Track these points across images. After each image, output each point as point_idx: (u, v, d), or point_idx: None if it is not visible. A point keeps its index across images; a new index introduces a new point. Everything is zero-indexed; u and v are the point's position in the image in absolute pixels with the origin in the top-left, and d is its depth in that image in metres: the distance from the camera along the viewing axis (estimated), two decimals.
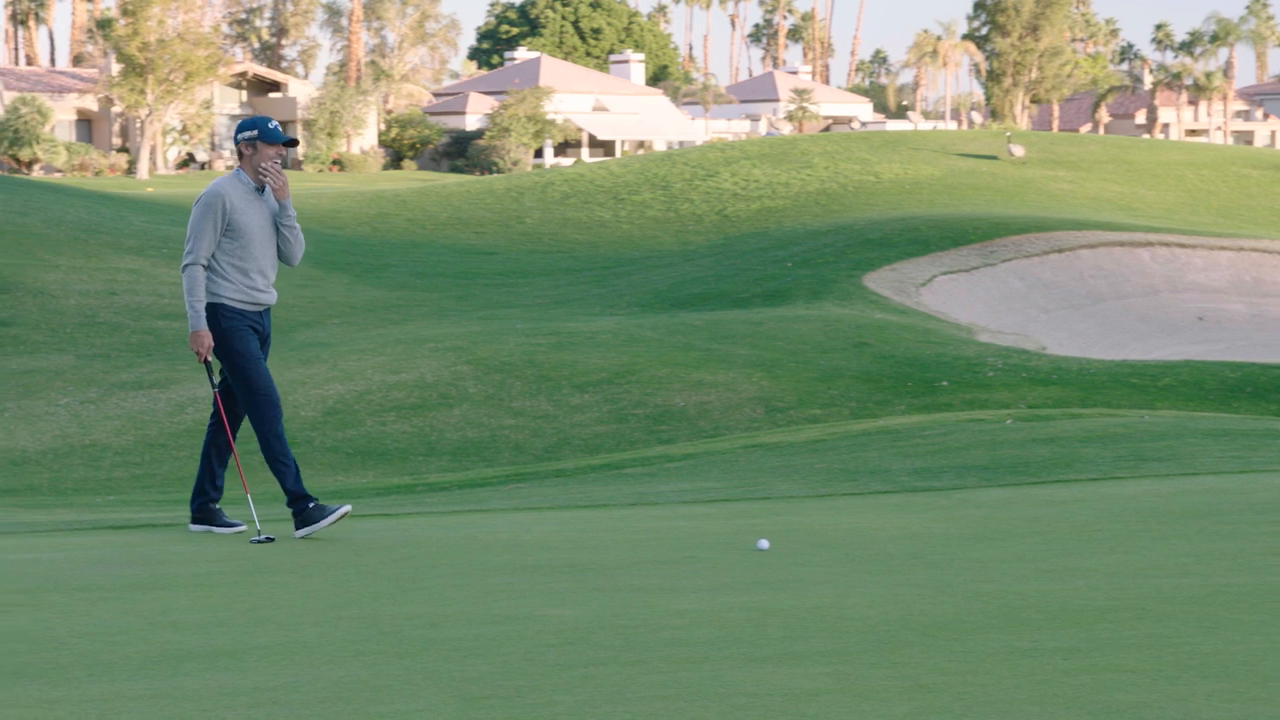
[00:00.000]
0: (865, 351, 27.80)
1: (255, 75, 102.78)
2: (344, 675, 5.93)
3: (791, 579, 7.89)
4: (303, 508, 9.67)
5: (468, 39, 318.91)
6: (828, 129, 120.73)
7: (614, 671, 5.90)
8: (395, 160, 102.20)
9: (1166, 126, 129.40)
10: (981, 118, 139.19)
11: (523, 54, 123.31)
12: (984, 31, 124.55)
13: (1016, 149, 57.93)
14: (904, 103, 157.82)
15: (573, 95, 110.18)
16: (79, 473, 21.70)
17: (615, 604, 7.28)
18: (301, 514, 9.68)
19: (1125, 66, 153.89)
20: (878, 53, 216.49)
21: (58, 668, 6.18)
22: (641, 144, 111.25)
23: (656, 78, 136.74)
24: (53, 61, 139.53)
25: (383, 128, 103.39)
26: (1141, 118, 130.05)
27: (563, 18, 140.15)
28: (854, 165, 54.67)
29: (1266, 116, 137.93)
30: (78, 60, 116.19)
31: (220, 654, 6.39)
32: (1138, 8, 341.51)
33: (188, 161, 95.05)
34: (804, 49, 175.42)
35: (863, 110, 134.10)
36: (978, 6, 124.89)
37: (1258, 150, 71.79)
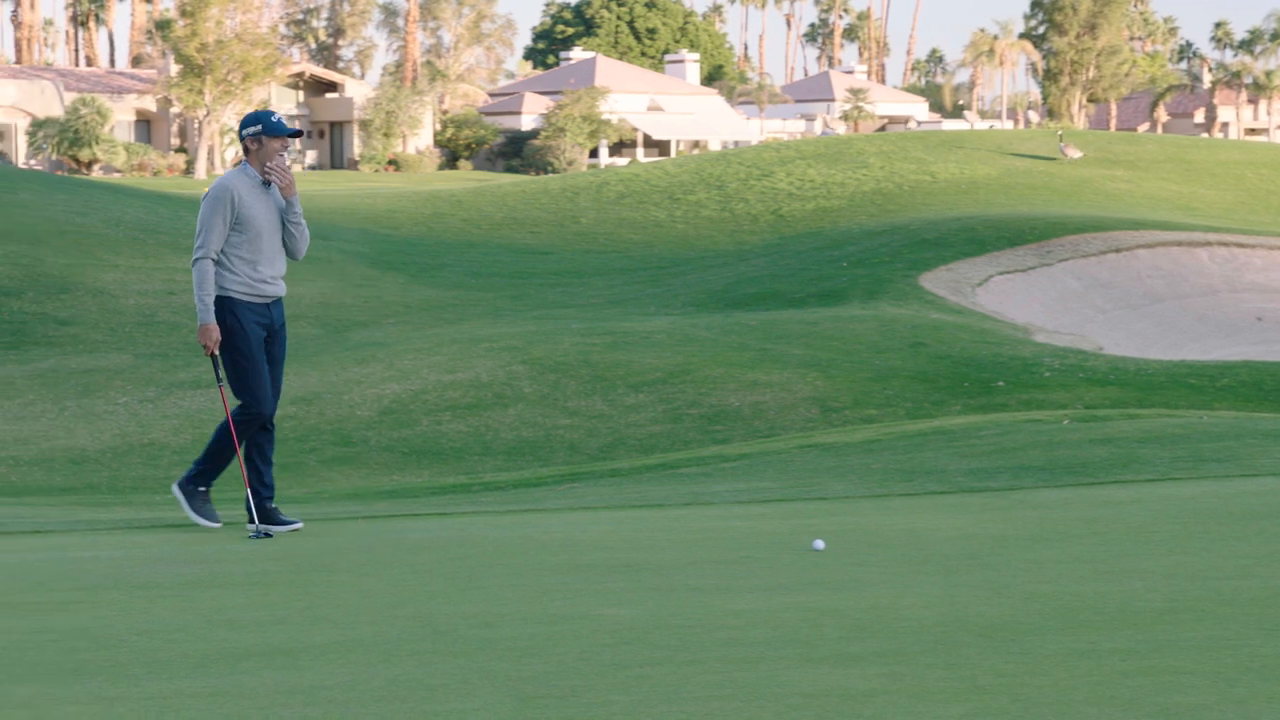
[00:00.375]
0: (921, 352, 27.70)
1: (312, 76, 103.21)
2: (399, 674, 5.95)
3: (847, 579, 7.87)
4: (192, 490, 10.13)
5: (523, 39, 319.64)
6: (883, 128, 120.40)
7: (669, 671, 5.90)
8: (451, 160, 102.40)
9: (1225, 125, 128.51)
10: (1038, 117, 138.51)
11: (578, 54, 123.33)
12: (1041, 30, 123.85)
13: (1072, 150, 57.30)
14: (960, 102, 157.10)
15: (628, 95, 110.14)
16: (138, 471, 21.84)
17: (671, 604, 7.28)
18: (189, 495, 10.13)
19: (1184, 65, 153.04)
20: (933, 52, 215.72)
21: (117, 665, 6.23)
22: (696, 144, 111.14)
23: (711, 77, 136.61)
24: (112, 62, 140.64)
25: (438, 128, 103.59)
26: (1200, 117, 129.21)
27: (618, 17, 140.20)
28: (910, 165, 54.46)
29: None
30: (137, 61, 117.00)
31: (276, 652, 6.42)
32: (1197, 6, 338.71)
33: None
34: (859, 48, 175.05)
35: (918, 110, 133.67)
36: (1035, 5, 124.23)
37: None
